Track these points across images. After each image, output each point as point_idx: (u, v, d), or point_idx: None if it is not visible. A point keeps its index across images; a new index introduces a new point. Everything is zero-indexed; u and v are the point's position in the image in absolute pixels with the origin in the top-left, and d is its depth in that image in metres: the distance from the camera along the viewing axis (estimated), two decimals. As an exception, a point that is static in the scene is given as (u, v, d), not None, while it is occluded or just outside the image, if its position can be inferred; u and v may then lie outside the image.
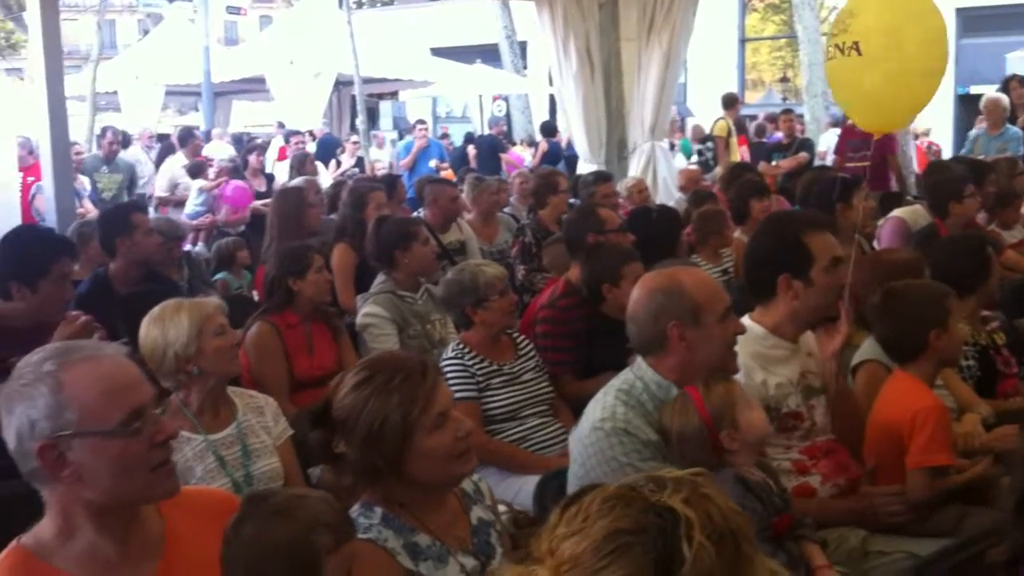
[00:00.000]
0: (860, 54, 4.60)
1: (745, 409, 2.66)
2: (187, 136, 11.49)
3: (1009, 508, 2.15)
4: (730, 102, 12.73)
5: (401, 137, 18.96)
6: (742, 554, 1.35)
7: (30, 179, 9.49)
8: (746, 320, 3.18)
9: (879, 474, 3.20)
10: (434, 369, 2.34)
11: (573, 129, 10.48)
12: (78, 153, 10.79)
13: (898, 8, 4.78)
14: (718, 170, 10.87)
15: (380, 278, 5.09)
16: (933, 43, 4.75)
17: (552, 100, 22.47)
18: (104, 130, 11.56)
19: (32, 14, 6.60)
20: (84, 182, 9.24)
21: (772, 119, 13.74)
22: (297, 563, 1.95)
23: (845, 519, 3.04)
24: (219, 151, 13.03)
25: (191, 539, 2.06)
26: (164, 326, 3.18)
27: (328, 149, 15.52)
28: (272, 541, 1.96)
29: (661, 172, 10.05)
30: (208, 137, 15.48)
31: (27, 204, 9.11)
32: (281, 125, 16.63)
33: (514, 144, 18.00)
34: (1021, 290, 5.50)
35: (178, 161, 10.71)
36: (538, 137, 16.76)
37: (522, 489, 3.75)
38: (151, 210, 9.75)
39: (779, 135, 12.82)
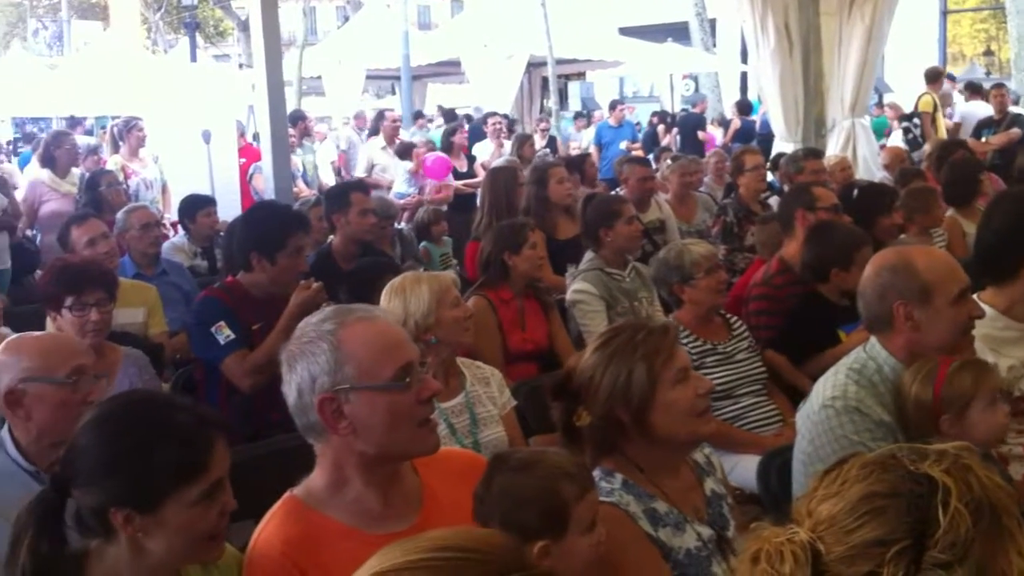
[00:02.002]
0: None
1: (984, 408, 2.61)
2: (379, 119, 11.88)
3: None
4: (934, 76, 12.21)
5: (588, 118, 19.00)
6: (1002, 526, 1.34)
7: (242, 160, 10.08)
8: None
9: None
10: (674, 328, 2.42)
11: (769, 107, 10.29)
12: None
13: None
14: (927, 147, 10.47)
15: (588, 255, 5.19)
16: None
17: (743, 78, 22.11)
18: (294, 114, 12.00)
19: (252, 2, 7.03)
20: (297, 163, 9.71)
21: (974, 88, 13.02)
22: (548, 511, 2.04)
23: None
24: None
25: (445, 494, 2.19)
26: (405, 296, 3.36)
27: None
28: (522, 492, 2.06)
29: (861, 150, 9.79)
30: (415, 118, 15.76)
31: (245, 184, 9.66)
32: (478, 109, 16.93)
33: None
34: None
35: (376, 144, 11.08)
36: (729, 116, 16.53)
37: (736, 467, 3.78)
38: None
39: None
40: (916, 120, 11.75)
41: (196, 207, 6.86)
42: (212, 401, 4.08)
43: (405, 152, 10.23)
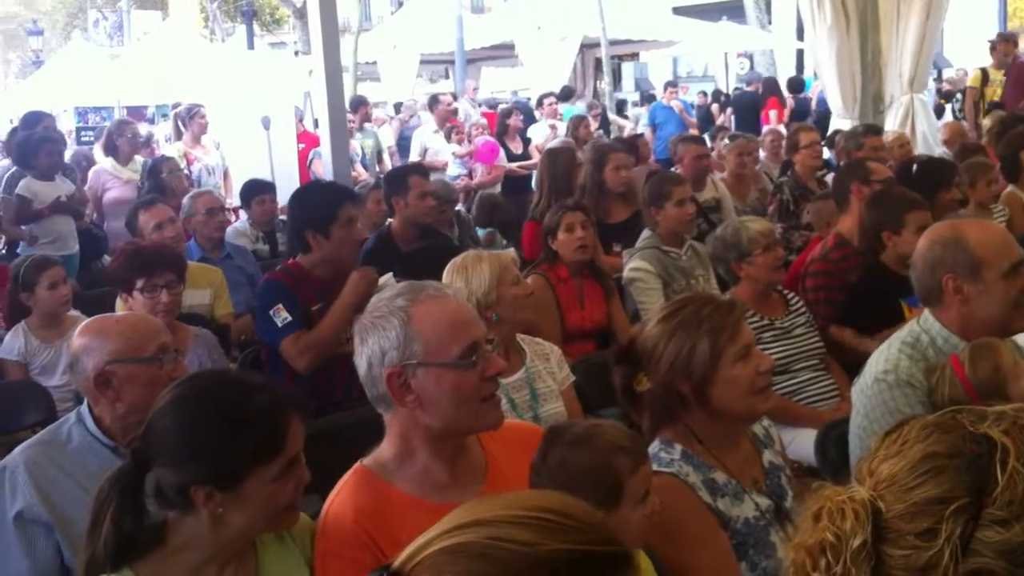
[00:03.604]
0: None
1: (1016, 379, 2.61)
2: (433, 103, 11.97)
3: None
4: (1002, 40, 11.92)
5: (644, 99, 18.93)
6: None
7: (301, 145, 10.21)
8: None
9: None
10: (741, 305, 2.47)
11: (826, 83, 10.22)
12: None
13: None
14: (986, 122, 10.31)
15: (645, 233, 5.23)
16: None
17: (799, 55, 21.85)
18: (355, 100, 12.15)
19: (310, -9, 7.14)
20: (355, 147, 9.83)
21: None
22: (602, 484, 2.10)
23: None
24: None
25: (508, 466, 2.24)
26: (467, 275, 3.44)
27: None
28: (577, 466, 2.11)
29: (920, 126, 9.71)
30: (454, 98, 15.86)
31: (305, 169, 9.80)
32: (515, 94, 16.89)
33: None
34: None
35: (428, 127, 11.17)
36: (785, 94, 16.36)
37: (794, 440, 3.81)
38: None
39: None
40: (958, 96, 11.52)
41: (252, 193, 7.01)
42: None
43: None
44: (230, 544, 1.98)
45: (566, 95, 13.84)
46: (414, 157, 10.77)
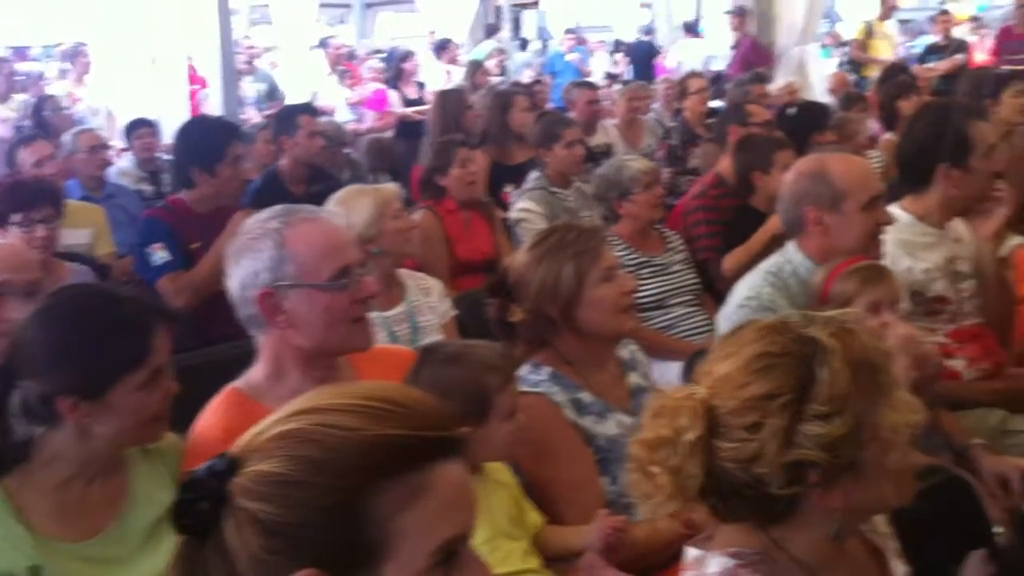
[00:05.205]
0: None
1: (861, 312, 2.64)
2: (323, 47, 11.77)
3: None
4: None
5: (544, 47, 18.87)
6: (878, 384, 1.47)
7: (194, 86, 9.97)
8: (894, 208, 3.23)
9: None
10: (602, 230, 2.55)
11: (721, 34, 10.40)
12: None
13: None
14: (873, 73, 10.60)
15: (533, 174, 5.29)
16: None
17: (699, 5, 21.99)
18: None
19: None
20: (249, 90, 9.66)
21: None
22: (471, 400, 2.17)
23: (987, 400, 3.12)
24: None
25: (379, 387, 2.30)
26: (347, 209, 3.44)
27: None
28: (448, 382, 2.17)
29: (811, 76, 9.92)
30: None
31: (196, 110, 9.58)
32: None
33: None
34: None
35: (321, 71, 10.97)
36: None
37: (666, 373, 3.92)
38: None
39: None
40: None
41: (131, 130, 6.88)
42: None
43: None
44: (97, 457, 1.99)
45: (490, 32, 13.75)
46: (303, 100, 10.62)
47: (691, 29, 15.39)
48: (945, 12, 12.49)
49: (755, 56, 9.81)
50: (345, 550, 1.08)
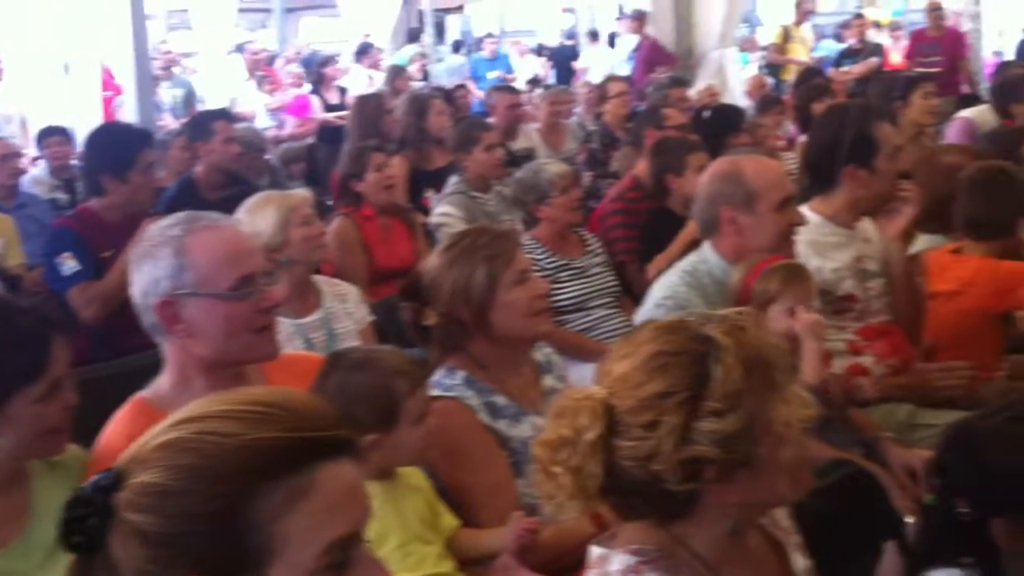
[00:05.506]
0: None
1: (781, 311, 2.72)
2: (239, 51, 11.63)
3: None
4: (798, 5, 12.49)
5: (469, 52, 18.89)
6: (772, 380, 1.49)
7: (108, 93, 9.78)
8: (804, 209, 3.29)
9: (939, 353, 3.31)
10: (515, 233, 2.56)
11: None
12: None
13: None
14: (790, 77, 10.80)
15: (454, 179, 5.29)
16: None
17: (620, 9, 22.19)
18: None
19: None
20: (166, 96, 9.51)
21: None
22: (379, 405, 2.16)
23: (895, 394, 3.19)
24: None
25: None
26: (253, 218, 3.38)
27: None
28: (354, 389, 2.16)
29: (731, 80, 10.06)
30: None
31: (111, 117, 9.40)
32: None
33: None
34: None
35: (239, 77, 10.84)
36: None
37: (586, 375, 3.94)
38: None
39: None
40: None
41: (42, 138, 6.75)
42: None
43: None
44: None
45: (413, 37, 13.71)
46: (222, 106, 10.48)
47: (595, 37, 15.60)
48: (860, 16, 12.78)
49: (656, 57, 9.90)
50: (228, 556, 1.06)
